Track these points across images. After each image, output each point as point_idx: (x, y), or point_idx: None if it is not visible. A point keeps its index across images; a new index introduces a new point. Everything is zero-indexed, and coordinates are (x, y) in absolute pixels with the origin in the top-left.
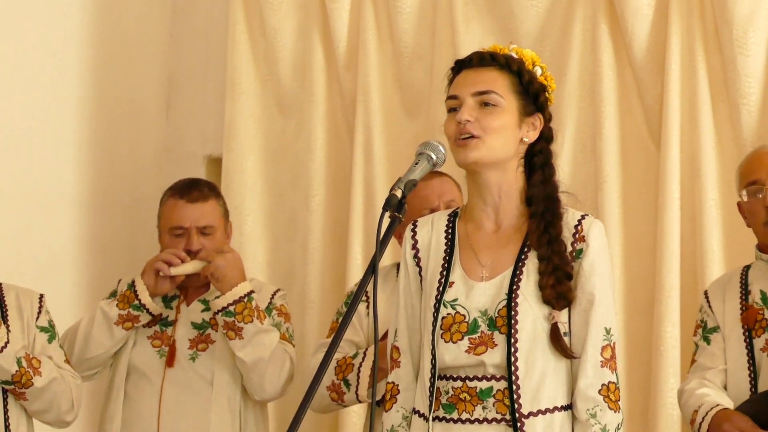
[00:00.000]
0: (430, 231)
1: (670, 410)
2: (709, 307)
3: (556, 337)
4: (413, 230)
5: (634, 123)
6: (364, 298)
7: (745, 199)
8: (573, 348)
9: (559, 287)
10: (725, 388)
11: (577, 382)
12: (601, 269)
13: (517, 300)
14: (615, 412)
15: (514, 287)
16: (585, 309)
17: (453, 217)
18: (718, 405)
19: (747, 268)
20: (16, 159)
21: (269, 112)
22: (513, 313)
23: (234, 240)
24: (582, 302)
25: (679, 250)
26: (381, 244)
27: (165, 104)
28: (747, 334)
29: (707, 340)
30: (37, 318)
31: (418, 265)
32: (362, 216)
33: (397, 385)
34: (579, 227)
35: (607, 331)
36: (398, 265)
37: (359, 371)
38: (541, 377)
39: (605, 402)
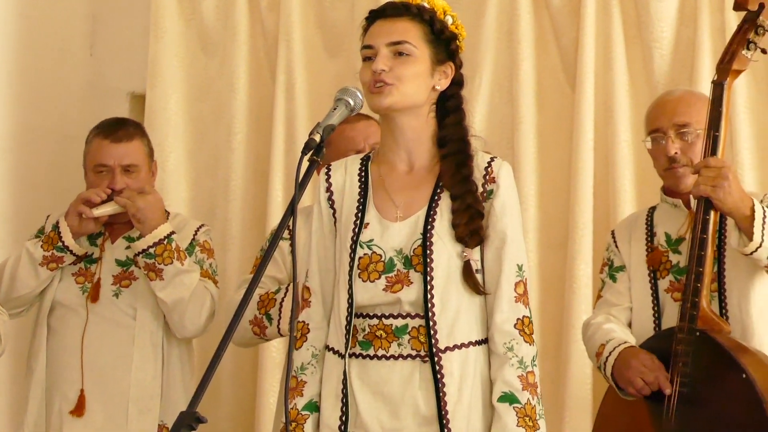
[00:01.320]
0: (344, 174)
1: (581, 346)
2: (616, 246)
3: (468, 274)
4: (327, 173)
5: (549, 65)
6: (287, 235)
7: (649, 146)
8: (486, 285)
9: (472, 225)
10: (629, 325)
11: (493, 317)
12: (511, 209)
13: (432, 239)
14: (530, 345)
15: (429, 227)
16: (498, 247)
17: (366, 161)
18: (625, 342)
19: (652, 209)
20: None
21: (192, 51)
22: (428, 251)
23: (157, 177)
24: (495, 241)
25: (593, 189)
26: (300, 187)
27: (89, 41)
28: (652, 275)
29: (613, 278)
30: None
31: (332, 207)
32: (283, 154)
33: (308, 324)
34: (489, 168)
35: (519, 268)
36: None
37: (281, 306)
38: (456, 313)
39: (521, 336)
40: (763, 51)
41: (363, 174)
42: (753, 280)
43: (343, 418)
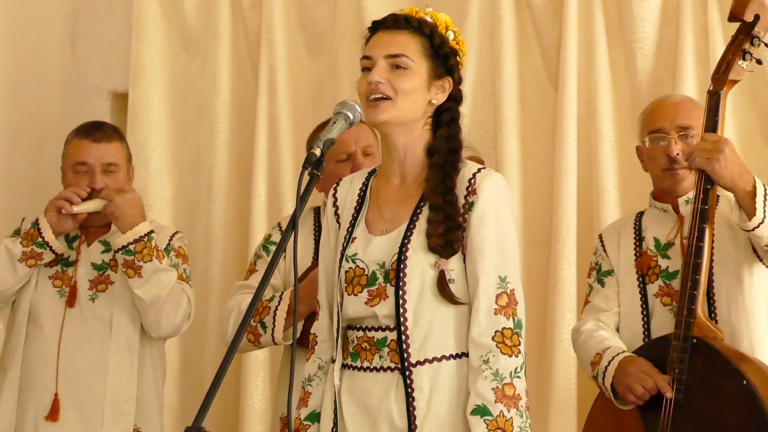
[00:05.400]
0: (348, 188)
1: (566, 346)
2: (604, 250)
3: (442, 285)
4: (335, 188)
5: (532, 65)
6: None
7: (648, 145)
8: (470, 296)
9: (448, 236)
10: (617, 330)
11: (470, 330)
12: (492, 220)
13: (407, 253)
14: (510, 356)
15: (406, 240)
16: (474, 260)
17: (371, 175)
18: (623, 351)
19: (641, 214)
20: None
21: (175, 50)
22: (402, 265)
23: (139, 176)
24: (472, 253)
25: (576, 189)
26: (301, 201)
27: (70, 39)
28: (641, 279)
29: (601, 283)
30: None
31: (337, 221)
32: (266, 153)
33: (316, 337)
34: (473, 180)
35: (502, 279)
36: (315, 210)
37: (275, 314)
38: (429, 327)
39: (498, 347)
40: (758, 61)
41: (363, 188)
42: (741, 283)
43: (335, 429)
